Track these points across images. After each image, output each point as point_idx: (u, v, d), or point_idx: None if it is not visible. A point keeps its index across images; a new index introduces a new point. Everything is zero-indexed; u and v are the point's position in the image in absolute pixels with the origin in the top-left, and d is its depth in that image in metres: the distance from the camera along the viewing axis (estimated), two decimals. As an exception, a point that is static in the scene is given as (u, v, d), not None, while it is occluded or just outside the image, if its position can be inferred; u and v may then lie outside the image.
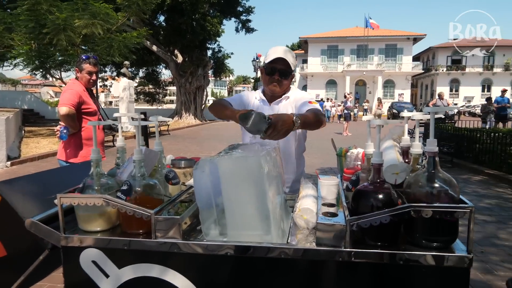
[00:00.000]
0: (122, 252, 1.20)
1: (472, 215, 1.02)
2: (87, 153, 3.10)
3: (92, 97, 3.22)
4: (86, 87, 3.14)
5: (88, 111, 3.09)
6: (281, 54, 1.93)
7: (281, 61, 1.94)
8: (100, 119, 3.26)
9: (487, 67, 41.69)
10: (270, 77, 1.99)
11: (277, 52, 1.96)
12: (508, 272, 3.27)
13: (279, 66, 1.96)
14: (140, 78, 29.65)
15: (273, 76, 1.98)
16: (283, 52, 1.95)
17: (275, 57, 1.94)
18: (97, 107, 3.26)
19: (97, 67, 3.16)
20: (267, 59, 1.98)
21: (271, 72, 1.98)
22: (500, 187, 6.60)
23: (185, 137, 15.57)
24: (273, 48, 2.01)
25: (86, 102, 3.07)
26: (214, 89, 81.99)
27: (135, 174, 1.24)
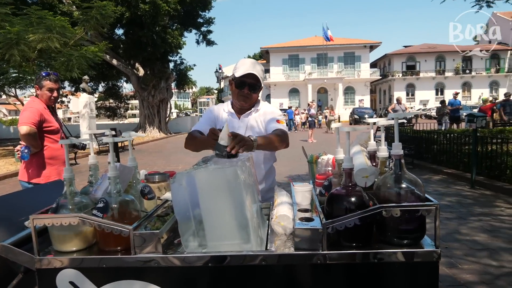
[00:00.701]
0: (100, 271, 1.18)
1: (438, 212, 1.10)
2: (50, 172, 2.99)
3: (53, 114, 3.13)
4: (47, 105, 3.04)
5: (50, 129, 3.00)
6: (251, 69, 1.96)
7: (250, 76, 1.97)
8: (63, 137, 3.17)
9: (439, 71, 44.07)
10: (239, 90, 2.02)
11: (246, 66, 1.99)
12: (471, 265, 3.47)
13: (248, 80, 1.99)
14: (100, 93, 28.86)
15: (243, 90, 2.01)
16: (252, 67, 1.99)
17: (245, 73, 1.96)
18: (60, 125, 3.16)
19: (58, 83, 3.08)
20: (237, 73, 2.00)
21: (241, 86, 2.01)
22: (458, 185, 6.97)
23: (150, 151, 15.28)
24: (242, 61, 2.05)
25: (48, 120, 2.98)
26: (177, 101, 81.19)
27: (110, 191, 1.23)
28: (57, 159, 3.04)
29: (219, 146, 1.37)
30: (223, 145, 1.36)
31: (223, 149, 1.36)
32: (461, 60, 43.56)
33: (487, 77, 43.24)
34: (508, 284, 3.06)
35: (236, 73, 2.00)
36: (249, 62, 2.02)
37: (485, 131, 8.11)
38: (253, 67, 1.98)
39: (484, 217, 4.92)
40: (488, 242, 4.02)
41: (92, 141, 1.51)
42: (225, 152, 1.35)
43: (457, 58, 43.29)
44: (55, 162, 3.03)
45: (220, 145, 1.37)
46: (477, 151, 6.87)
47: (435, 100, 39.80)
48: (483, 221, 4.77)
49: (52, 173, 2.99)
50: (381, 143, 1.41)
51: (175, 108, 68.30)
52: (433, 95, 43.84)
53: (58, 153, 3.06)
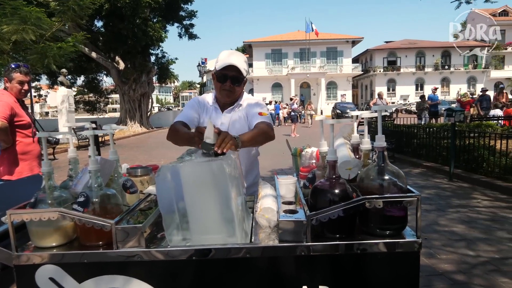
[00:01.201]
0: (82, 266, 1.15)
1: (419, 203, 1.12)
2: (22, 169, 2.89)
3: (24, 108, 3.02)
4: (17, 98, 2.93)
5: (21, 123, 2.89)
6: (232, 61, 1.87)
7: (232, 68, 1.88)
8: (35, 132, 3.06)
9: (419, 67, 44.87)
10: (222, 84, 1.93)
11: (227, 58, 1.89)
12: (450, 255, 3.56)
13: (230, 73, 1.90)
14: (79, 87, 28.21)
15: (225, 84, 1.92)
16: (234, 58, 1.89)
17: (225, 65, 1.87)
18: (31, 119, 3.04)
19: (29, 76, 2.96)
20: (218, 65, 1.91)
21: (223, 80, 1.92)
22: (437, 178, 7.14)
23: (131, 146, 15.07)
24: (223, 53, 1.94)
25: (19, 114, 2.87)
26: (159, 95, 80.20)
27: (91, 185, 1.21)
28: (29, 154, 2.95)
29: (206, 145, 1.34)
30: (210, 143, 1.34)
31: (210, 147, 1.34)
32: (440, 56, 44.49)
33: (465, 73, 44.30)
34: (483, 273, 3.17)
35: (218, 65, 1.91)
36: (230, 54, 1.92)
37: (463, 126, 8.31)
38: (234, 58, 1.89)
39: (462, 209, 5.06)
40: (465, 233, 4.14)
41: (71, 135, 1.47)
42: (212, 151, 1.33)
43: (437, 54, 44.20)
44: (27, 158, 2.94)
45: (206, 143, 1.35)
46: (455, 145, 7.05)
47: (415, 95, 40.54)
48: (460, 212, 4.91)
49: (24, 169, 2.90)
50: (364, 136, 1.43)
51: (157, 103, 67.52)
52: (413, 90, 44.63)
53: (30, 148, 2.96)
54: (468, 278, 3.09)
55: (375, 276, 1.17)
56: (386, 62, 45.50)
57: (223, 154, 1.32)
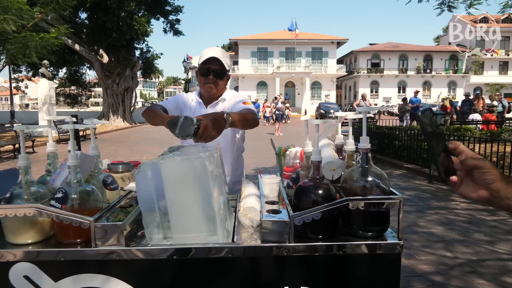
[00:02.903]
0: (58, 264, 1.12)
1: (402, 205, 1.13)
2: None
3: None
4: None
5: None
6: (214, 54, 1.94)
7: (215, 61, 1.95)
8: None
9: (402, 70, 45.60)
10: (205, 78, 1.99)
11: (210, 52, 1.96)
12: (428, 256, 3.63)
13: (213, 67, 1.96)
14: (61, 79, 27.56)
15: (208, 77, 1.97)
16: (216, 52, 1.96)
17: (208, 57, 1.94)
18: None
19: None
20: (201, 60, 1.98)
21: (206, 73, 1.98)
22: (417, 180, 7.27)
23: (113, 140, 14.83)
24: (206, 49, 2.00)
25: None
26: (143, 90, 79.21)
27: (70, 181, 1.17)
28: None
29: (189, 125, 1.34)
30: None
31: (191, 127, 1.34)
32: (423, 59, 45.31)
33: (446, 77, 45.26)
34: (461, 274, 3.24)
35: (201, 60, 1.98)
36: (213, 49, 1.99)
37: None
38: (217, 53, 1.96)
39: (441, 211, 5.17)
40: (444, 234, 4.23)
41: (51, 128, 1.42)
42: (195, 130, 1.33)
43: (419, 57, 45.00)
44: None
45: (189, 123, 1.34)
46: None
47: (398, 98, 41.19)
48: (439, 214, 5.01)
49: None
50: (348, 136, 1.43)
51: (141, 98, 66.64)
52: (395, 93, 45.34)
53: None
54: (446, 279, 3.16)
55: (356, 277, 1.18)
56: (370, 64, 46.08)
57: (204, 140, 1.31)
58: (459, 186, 0.84)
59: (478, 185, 0.82)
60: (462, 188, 0.84)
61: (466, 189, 0.84)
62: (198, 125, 1.36)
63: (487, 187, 0.81)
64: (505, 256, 3.64)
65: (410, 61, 45.66)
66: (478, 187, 0.82)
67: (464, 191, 0.84)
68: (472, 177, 0.83)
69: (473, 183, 0.83)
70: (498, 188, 0.79)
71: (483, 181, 0.81)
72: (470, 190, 0.84)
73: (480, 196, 0.82)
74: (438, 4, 8.05)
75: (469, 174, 0.83)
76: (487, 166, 0.80)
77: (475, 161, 0.81)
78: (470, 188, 0.84)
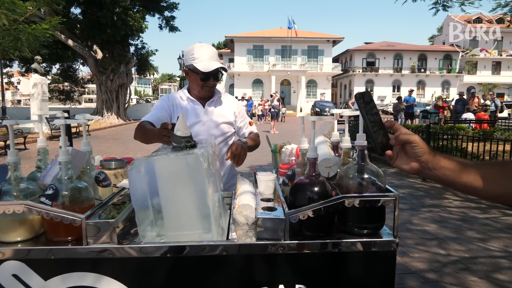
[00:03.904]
0: (48, 262, 1.10)
1: (397, 202, 1.12)
2: None
3: None
4: None
5: None
6: (216, 61, 1.98)
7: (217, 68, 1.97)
8: None
9: (396, 69, 45.76)
10: (204, 83, 1.98)
11: (209, 58, 1.94)
12: (422, 253, 3.64)
13: (214, 71, 1.97)
14: (54, 75, 27.29)
15: (208, 82, 1.99)
16: (215, 57, 1.99)
17: (214, 68, 1.93)
18: None
19: None
20: (199, 64, 1.93)
21: (207, 78, 1.97)
22: (411, 178, 7.29)
23: (107, 137, 14.73)
24: (199, 49, 1.97)
25: None
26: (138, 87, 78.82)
27: (61, 177, 1.15)
28: None
29: (176, 138, 1.29)
30: (181, 136, 1.29)
31: (180, 140, 1.28)
32: (417, 59, 45.51)
33: (440, 77, 45.49)
34: (454, 272, 3.25)
35: (197, 64, 1.93)
36: (209, 52, 1.97)
37: (437, 128, 8.53)
38: (215, 57, 1.99)
39: (434, 208, 5.19)
40: (437, 232, 4.24)
41: (42, 123, 1.40)
42: (184, 143, 1.28)
43: (414, 57, 45.19)
44: None
45: (177, 136, 1.29)
46: (429, 145, 7.23)
47: (392, 96, 41.34)
48: (433, 212, 5.03)
49: None
50: (344, 134, 1.42)
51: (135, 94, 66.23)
52: (390, 92, 45.49)
53: None
54: (439, 277, 3.17)
55: (352, 274, 1.17)
56: (365, 63, 46.17)
57: (195, 146, 1.27)
58: (395, 159, 0.94)
59: (410, 158, 0.91)
60: (397, 161, 0.94)
61: (400, 162, 0.93)
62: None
63: (418, 159, 0.91)
64: (497, 253, 3.67)
65: (405, 60, 45.82)
66: (410, 159, 0.92)
67: (398, 164, 0.94)
68: (405, 151, 0.92)
69: (406, 157, 0.92)
70: (426, 160, 0.90)
71: (414, 154, 0.90)
72: (404, 163, 0.93)
73: (412, 167, 0.92)
74: (433, 3, 8.08)
75: (403, 148, 0.92)
76: (417, 140, 0.90)
77: (406, 136, 0.90)
78: (403, 161, 0.93)
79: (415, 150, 0.90)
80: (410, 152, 0.91)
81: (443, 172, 0.90)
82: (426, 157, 0.90)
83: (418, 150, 0.90)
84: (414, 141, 0.89)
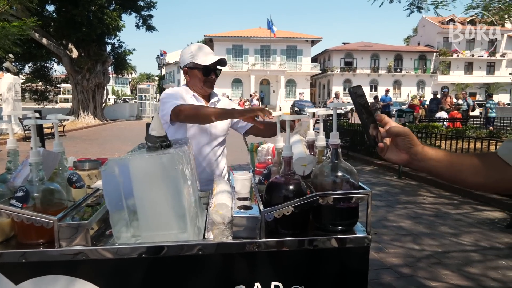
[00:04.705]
0: (19, 266, 1.07)
1: (370, 199, 1.15)
2: None
3: None
4: None
5: None
6: (217, 54, 2.06)
7: (218, 61, 2.04)
8: None
9: (373, 69, 46.60)
10: (206, 77, 2.05)
11: (209, 52, 2.06)
12: (397, 249, 3.73)
13: (214, 66, 2.05)
14: (27, 74, 26.46)
15: (210, 76, 2.05)
16: (213, 54, 2.08)
17: (216, 60, 2.01)
18: None
19: None
20: (200, 60, 2.00)
21: (209, 73, 2.04)
22: (387, 176, 7.46)
23: (83, 138, 14.42)
24: (198, 48, 2.07)
25: None
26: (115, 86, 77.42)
27: (32, 179, 1.12)
28: None
29: (151, 137, 1.28)
30: (155, 135, 1.28)
31: (155, 139, 1.27)
32: (393, 59, 46.47)
33: (415, 76, 46.60)
34: (427, 266, 3.35)
35: (198, 60, 2.00)
36: (207, 49, 2.09)
37: (412, 126, 8.74)
38: (212, 53, 2.08)
39: (409, 205, 5.32)
40: (412, 228, 4.36)
41: (11, 123, 1.36)
42: (159, 143, 1.27)
43: (390, 57, 46.13)
44: None
45: (152, 136, 1.28)
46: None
47: (369, 96, 42.08)
48: (408, 208, 5.16)
49: None
50: (319, 133, 1.44)
51: (113, 94, 65.09)
52: (367, 91, 46.25)
53: None
54: (413, 271, 3.26)
55: (326, 270, 1.19)
56: (343, 62, 46.80)
57: (170, 146, 1.27)
58: (386, 152, 0.97)
59: (400, 150, 0.95)
60: (388, 154, 0.98)
61: (391, 154, 0.97)
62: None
63: (407, 151, 0.95)
64: (469, 247, 3.80)
65: (381, 60, 46.71)
66: (400, 151, 0.96)
67: (389, 156, 0.98)
68: (395, 143, 0.96)
69: (396, 149, 0.96)
70: (415, 151, 0.94)
71: (404, 146, 0.94)
72: (394, 155, 0.97)
73: (402, 159, 0.97)
74: (408, 5, 8.27)
75: (393, 141, 0.96)
76: (407, 133, 0.94)
77: (397, 129, 0.94)
78: (394, 153, 0.97)
79: (405, 142, 0.93)
80: (400, 144, 0.94)
81: (431, 164, 0.94)
82: (415, 149, 0.94)
83: (408, 143, 0.93)
84: (405, 134, 0.93)
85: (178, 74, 53.93)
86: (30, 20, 11.92)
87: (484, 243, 3.90)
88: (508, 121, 14.92)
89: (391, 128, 0.94)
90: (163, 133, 1.27)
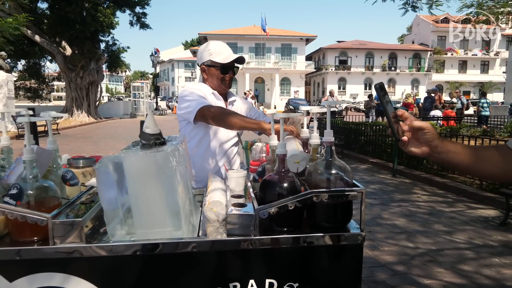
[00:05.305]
0: (13, 263, 1.07)
1: (364, 197, 1.16)
2: None
3: None
4: None
5: None
6: (233, 54, 2.04)
7: (236, 59, 2.05)
8: None
9: (368, 67, 46.74)
10: (224, 75, 2.04)
11: (228, 50, 2.05)
12: (391, 247, 3.76)
13: (232, 64, 2.05)
14: (20, 72, 26.20)
15: (228, 74, 2.05)
16: (231, 51, 2.07)
17: (235, 57, 2.02)
18: None
19: None
20: (218, 58, 2.00)
21: (227, 71, 2.04)
22: (382, 174, 7.50)
23: (77, 136, 14.33)
24: (216, 45, 2.07)
25: None
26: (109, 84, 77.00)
27: (26, 176, 1.12)
28: None
29: (145, 135, 1.27)
30: (150, 133, 1.27)
31: (149, 137, 1.27)
32: (388, 57, 46.65)
33: (409, 75, 46.80)
34: (421, 263, 3.38)
35: (217, 58, 1.99)
36: (225, 46, 2.09)
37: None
38: (230, 50, 2.09)
39: (403, 203, 5.36)
40: (406, 226, 4.39)
41: (4, 121, 1.35)
42: (153, 140, 1.27)
43: (384, 55, 46.30)
44: None
45: (145, 133, 1.28)
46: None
47: (364, 94, 42.19)
48: (402, 206, 5.19)
49: None
50: (313, 130, 1.45)
51: (107, 92, 64.68)
52: (362, 89, 46.41)
53: None
54: (408, 269, 3.28)
55: (320, 268, 1.20)
56: (337, 61, 46.88)
57: (164, 144, 1.26)
58: (407, 145, 1.01)
59: (421, 143, 1.00)
60: (409, 147, 1.01)
61: (412, 147, 1.01)
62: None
63: (428, 144, 0.99)
64: (462, 245, 3.83)
65: (376, 59, 46.84)
66: (422, 144, 1.00)
67: (411, 148, 1.02)
68: (416, 137, 1.00)
69: (418, 142, 1.01)
70: (436, 144, 0.99)
71: (426, 139, 0.99)
72: (416, 148, 1.01)
73: (423, 151, 1.01)
74: (402, 4, 8.31)
75: (414, 135, 1.00)
76: (428, 127, 0.99)
77: (420, 123, 0.98)
78: (415, 146, 1.01)
79: (426, 136, 0.98)
80: (421, 138, 0.99)
81: (450, 156, 1.01)
82: (436, 142, 0.99)
83: (430, 136, 0.98)
84: (426, 128, 0.98)
85: (173, 72, 53.71)
86: (22, 16, 11.81)
87: (478, 241, 3.93)
88: (502, 120, 15.05)
89: (415, 122, 0.98)
90: (157, 130, 1.26)
